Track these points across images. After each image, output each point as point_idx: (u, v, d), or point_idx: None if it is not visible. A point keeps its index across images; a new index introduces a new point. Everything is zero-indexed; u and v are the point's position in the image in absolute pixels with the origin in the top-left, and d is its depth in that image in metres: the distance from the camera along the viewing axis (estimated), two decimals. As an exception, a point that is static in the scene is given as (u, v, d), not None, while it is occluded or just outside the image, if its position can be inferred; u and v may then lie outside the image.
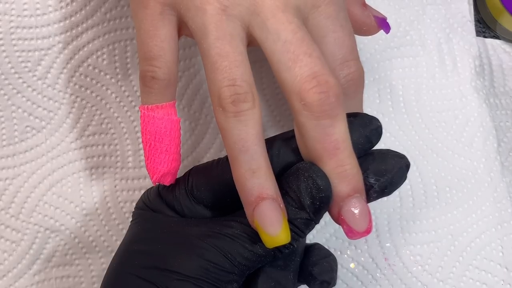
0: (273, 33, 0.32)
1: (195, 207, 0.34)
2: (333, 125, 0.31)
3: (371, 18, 0.38)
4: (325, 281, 0.36)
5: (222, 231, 0.32)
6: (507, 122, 0.49)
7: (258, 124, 0.31)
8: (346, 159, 0.31)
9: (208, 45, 0.32)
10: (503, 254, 0.45)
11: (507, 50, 0.51)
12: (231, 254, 0.32)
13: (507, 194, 0.46)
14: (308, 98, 0.30)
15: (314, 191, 0.31)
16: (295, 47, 0.31)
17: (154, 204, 0.35)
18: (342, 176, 0.31)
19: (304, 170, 0.31)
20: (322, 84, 0.30)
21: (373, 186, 0.33)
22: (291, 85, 0.31)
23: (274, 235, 0.30)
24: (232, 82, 0.31)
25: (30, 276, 0.43)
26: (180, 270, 0.32)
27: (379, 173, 0.33)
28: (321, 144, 0.31)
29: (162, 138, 0.35)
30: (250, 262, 0.32)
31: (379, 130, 0.34)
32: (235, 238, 0.32)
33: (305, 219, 0.31)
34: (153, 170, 0.35)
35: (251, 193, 0.31)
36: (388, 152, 0.34)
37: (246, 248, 0.32)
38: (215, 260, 0.32)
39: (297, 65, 0.31)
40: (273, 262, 0.35)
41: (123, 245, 0.35)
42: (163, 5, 0.33)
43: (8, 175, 0.44)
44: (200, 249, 0.32)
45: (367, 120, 0.33)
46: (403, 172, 0.33)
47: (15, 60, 0.43)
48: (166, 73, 0.34)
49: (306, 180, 0.31)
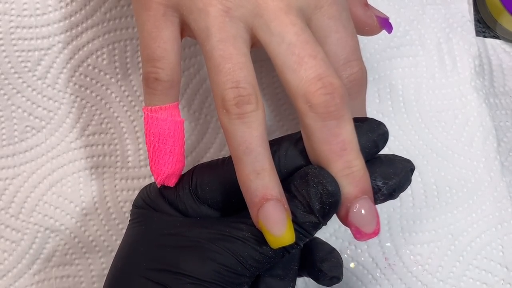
0: (277, 35, 0.32)
1: (199, 207, 0.34)
2: (339, 126, 0.31)
3: (373, 18, 0.38)
4: (335, 277, 0.36)
5: (233, 233, 0.32)
6: (507, 122, 0.49)
7: (261, 125, 0.31)
8: (353, 160, 0.31)
9: (211, 47, 0.32)
10: (503, 253, 0.45)
11: (507, 50, 0.51)
12: (243, 256, 0.32)
13: (507, 193, 0.46)
14: (314, 100, 0.30)
15: (324, 197, 0.31)
16: (300, 50, 0.31)
17: (156, 203, 0.35)
18: (350, 177, 0.31)
19: (314, 175, 0.31)
20: (327, 86, 0.30)
21: (381, 189, 0.33)
22: (297, 88, 0.31)
23: (279, 235, 0.30)
24: (235, 84, 0.31)
25: (30, 276, 0.43)
26: (193, 274, 0.31)
27: (387, 176, 0.33)
28: (328, 145, 0.31)
29: (166, 140, 0.34)
30: (260, 264, 0.32)
31: (386, 136, 0.34)
32: (246, 241, 0.32)
33: (314, 222, 0.31)
34: (157, 172, 0.35)
35: (255, 194, 0.31)
36: (394, 156, 0.34)
37: (257, 251, 0.32)
38: (227, 264, 0.32)
39: (302, 67, 0.31)
40: (272, 272, 0.35)
41: (127, 245, 0.35)
42: (166, 7, 0.33)
43: (8, 175, 0.43)
44: (213, 252, 0.32)
45: (375, 125, 0.34)
46: (409, 176, 0.34)
47: (15, 60, 0.43)
48: (169, 75, 0.34)
49: (316, 186, 0.31)
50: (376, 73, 0.48)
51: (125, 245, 0.35)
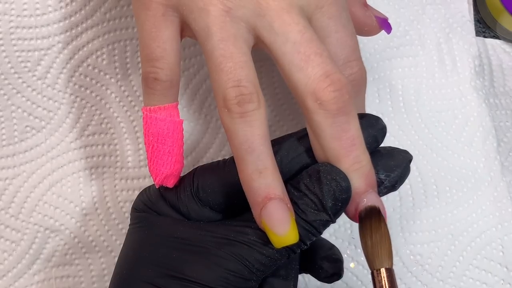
0: (281, 35, 0.32)
1: (201, 210, 0.34)
2: (349, 122, 0.31)
3: (373, 18, 0.38)
4: (335, 274, 0.37)
5: (238, 238, 0.32)
6: (506, 122, 0.49)
7: (263, 124, 0.31)
8: (361, 155, 0.31)
9: (212, 46, 0.31)
10: (503, 253, 0.45)
11: (507, 50, 0.51)
12: (249, 261, 0.31)
13: (507, 193, 0.46)
14: (324, 96, 0.31)
15: (337, 193, 0.31)
16: (305, 48, 0.31)
17: (157, 206, 0.35)
18: (360, 172, 0.31)
19: (326, 172, 0.31)
20: (336, 82, 0.31)
21: (384, 182, 0.33)
22: (305, 86, 0.31)
23: (282, 235, 0.30)
24: (237, 83, 0.31)
25: (30, 276, 0.43)
26: (199, 281, 0.31)
27: (389, 169, 0.33)
28: (338, 141, 0.31)
29: (165, 140, 0.34)
30: (266, 267, 0.32)
31: (384, 130, 0.34)
32: (252, 245, 0.31)
33: (325, 220, 0.31)
34: (156, 172, 0.34)
35: (258, 193, 0.31)
36: (393, 148, 0.34)
37: (263, 254, 0.31)
38: (234, 269, 0.31)
39: (310, 65, 0.31)
40: (275, 272, 0.35)
41: (131, 250, 0.34)
42: (166, 7, 0.33)
43: (8, 175, 0.43)
44: (218, 258, 0.31)
45: (374, 120, 0.34)
46: (408, 167, 0.34)
47: (15, 60, 0.43)
48: (168, 75, 0.34)
49: (329, 183, 0.31)
50: (376, 73, 0.48)
51: (128, 250, 0.35)
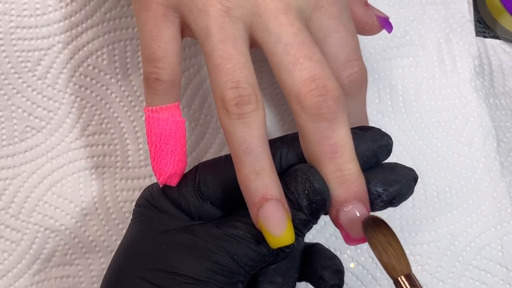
0: (275, 35, 0.32)
1: (202, 205, 0.34)
2: (331, 128, 0.31)
3: (373, 17, 0.38)
4: (335, 285, 0.36)
5: (228, 232, 0.32)
6: (506, 122, 0.49)
7: (261, 125, 0.31)
8: (345, 164, 0.31)
9: (212, 47, 0.32)
10: (503, 253, 0.45)
11: (507, 50, 0.51)
12: (237, 255, 0.32)
13: (506, 194, 0.46)
14: (305, 101, 0.31)
15: (311, 194, 0.31)
16: (296, 50, 0.31)
17: (158, 202, 0.35)
18: (340, 181, 0.31)
19: (302, 172, 0.31)
20: (321, 88, 0.30)
21: (381, 196, 0.33)
22: (291, 88, 0.31)
23: (279, 235, 0.30)
24: (235, 84, 0.31)
25: (30, 276, 0.43)
26: (188, 273, 0.32)
27: (388, 183, 0.33)
28: (319, 147, 0.31)
29: (168, 140, 0.34)
30: (255, 263, 0.32)
31: (389, 148, 0.34)
32: (241, 239, 0.32)
33: (303, 219, 0.32)
34: (159, 172, 0.35)
35: (255, 194, 0.31)
36: (396, 164, 0.34)
37: (252, 249, 0.32)
38: (222, 262, 0.32)
39: (297, 68, 0.31)
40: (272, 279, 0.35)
41: (125, 244, 0.35)
42: (166, 7, 0.33)
43: (8, 175, 0.43)
44: (207, 251, 0.32)
45: (378, 135, 0.33)
46: (411, 184, 0.33)
47: (15, 60, 0.43)
48: (170, 75, 0.34)
49: (304, 182, 0.31)
50: (376, 73, 0.48)
51: (123, 244, 0.35)
